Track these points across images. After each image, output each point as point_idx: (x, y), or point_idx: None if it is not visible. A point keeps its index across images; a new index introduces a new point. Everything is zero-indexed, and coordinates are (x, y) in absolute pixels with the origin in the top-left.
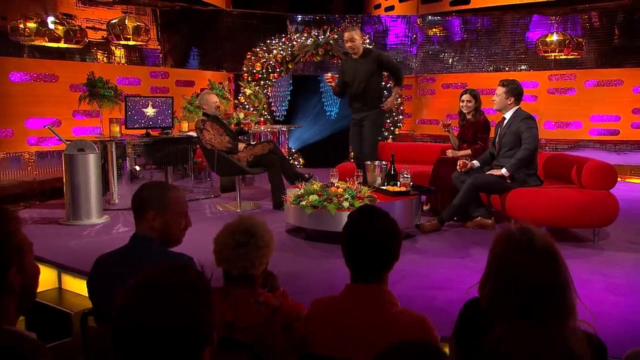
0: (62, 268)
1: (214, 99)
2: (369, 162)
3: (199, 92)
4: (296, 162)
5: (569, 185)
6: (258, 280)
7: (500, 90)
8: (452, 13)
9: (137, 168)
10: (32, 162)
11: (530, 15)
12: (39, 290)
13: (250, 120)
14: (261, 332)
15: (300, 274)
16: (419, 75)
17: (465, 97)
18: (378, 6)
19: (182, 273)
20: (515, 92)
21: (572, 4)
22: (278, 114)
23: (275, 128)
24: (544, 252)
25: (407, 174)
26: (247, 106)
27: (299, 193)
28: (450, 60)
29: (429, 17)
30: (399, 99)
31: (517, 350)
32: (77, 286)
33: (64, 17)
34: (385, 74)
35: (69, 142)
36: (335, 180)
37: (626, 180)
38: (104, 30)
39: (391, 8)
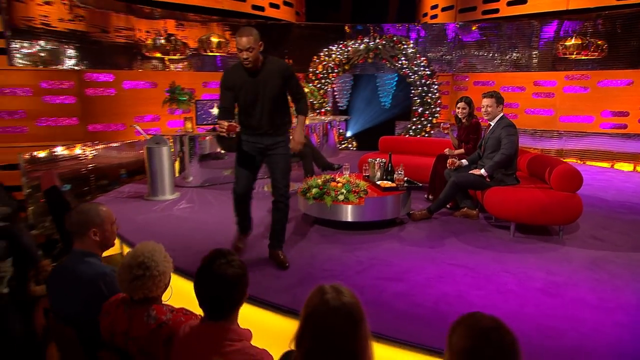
0: (123, 240)
1: None
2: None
3: None
4: (350, 146)
5: (542, 186)
6: (160, 296)
7: (490, 101)
8: (484, 20)
9: (219, 151)
10: (140, 147)
11: (553, 20)
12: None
13: None
14: (144, 344)
15: (292, 259)
16: (455, 73)
17: (461, 104)
18: (425, 15)
19: None
20: (501, 99)
21: (594, 11)
22: (341, 104)
23: (326, 119)
24: (348, 313)
25: (401, 171)
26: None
27: (306, 186)
28: (480, 62)
29: (464, 23)
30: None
31: None
32: None
33: (169, 35)
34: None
35: (149, 137)
36: (346, 173)
37: (637, 168)
38: (194, 44)
39: (435, 17)
